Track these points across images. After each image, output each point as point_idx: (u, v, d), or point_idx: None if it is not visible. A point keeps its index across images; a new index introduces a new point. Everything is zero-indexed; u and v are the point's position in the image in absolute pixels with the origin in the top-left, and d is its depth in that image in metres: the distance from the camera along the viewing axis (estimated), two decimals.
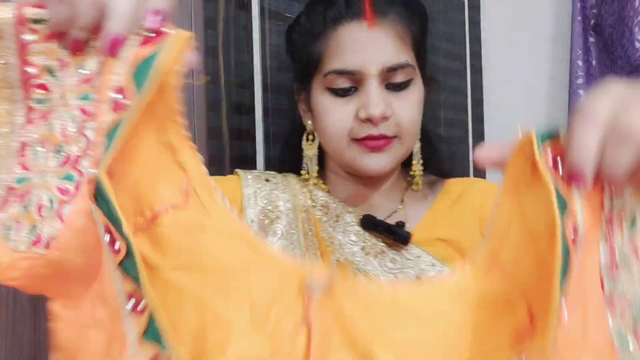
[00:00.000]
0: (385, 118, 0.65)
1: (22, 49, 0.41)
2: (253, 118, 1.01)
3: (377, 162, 0.67)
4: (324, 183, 0.76)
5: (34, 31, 0.41)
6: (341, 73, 0.65)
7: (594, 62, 1.25)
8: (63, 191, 0.42)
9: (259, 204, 0.70)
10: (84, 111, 0.42)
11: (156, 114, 0.43)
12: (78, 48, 0.41)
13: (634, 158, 0.34)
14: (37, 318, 0.79)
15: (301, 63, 0.72)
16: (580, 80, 1.25)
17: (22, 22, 0.40)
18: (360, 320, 0.41)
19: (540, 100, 1.40)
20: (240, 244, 0.45)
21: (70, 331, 0.44)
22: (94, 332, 0.44)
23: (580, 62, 1.25)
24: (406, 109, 0.66)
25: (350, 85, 0.66)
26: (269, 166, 0.97)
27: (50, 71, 0.42)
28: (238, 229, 0.46)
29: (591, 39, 1.25)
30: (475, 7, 1.46)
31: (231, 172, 0.98)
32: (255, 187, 0.72)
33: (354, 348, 0.41)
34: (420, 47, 0.70)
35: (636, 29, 1.11)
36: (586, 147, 0.34)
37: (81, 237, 0.41)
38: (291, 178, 0.76)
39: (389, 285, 0.44)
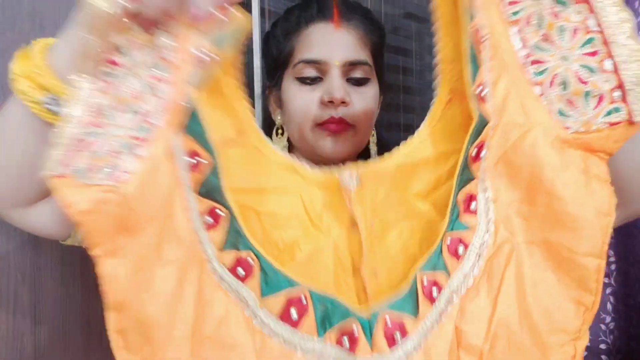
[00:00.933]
0: (344, 103, 0.73)
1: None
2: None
3: (334, 145, 0.75)
4: None
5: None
6: (309, 62, 0.74)
7: None
8: (137, 139, 0.45)
9: None
10: (154, 77, 0.46)
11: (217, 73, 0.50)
12: (151, 25, 0.45)
13: None
14: (37, 318, 0.79)
15: (275, 59, 0.80)
16: None
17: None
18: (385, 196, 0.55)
19: None
20: (288, 170, 0.57)
21: (130, 281, 0.45)
22: (161, 273, 0.45)
23: None
24: (363, 101, 0.75)
25: (316, 75, 0.75)
26: None
27: (120, 49, 0.45)
28: (283, 160, 0.57)
29: None
30: None
31: None
32: None
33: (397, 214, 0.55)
34: (377, 55, 0.80)
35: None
36: None
37: (155, 176, 0.45)
38: None
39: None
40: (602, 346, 1.22)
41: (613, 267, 1.24)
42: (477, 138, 0.47)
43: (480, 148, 0.47)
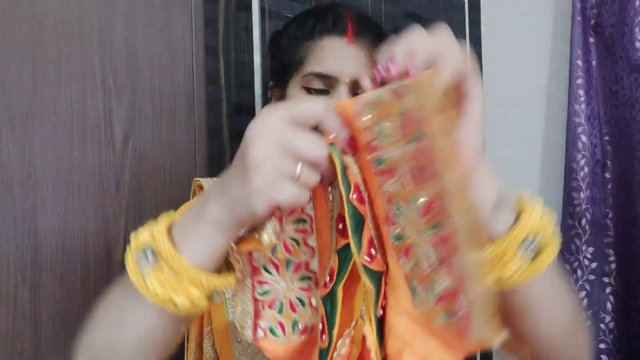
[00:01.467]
0: None
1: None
2: (253, 118, 1.01)
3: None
4: None
5: None
6: (319, 75, 0.74)
7: (594, 62, 1.24)
8: (305, 289, 0.52)
9: None
10: (297, 230, 0.53)
11: None
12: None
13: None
14: (37, 318, 0.79)
15: (283, 63, 0.79)
16: (580, 81, 1.25)
17: None
18: None
19: (540, 100, 1.40)
20: None
21: None
22: None
23: (580, 62, 1.25)
24: None
25: (324, 87, 0.74)
26: None
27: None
28: None
29: (591, 39, 1.24)
30: (475, 7, 1.46)
31: None
32: None
33: None
34: None
35: (637, 29, 1.11)
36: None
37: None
38: None
39: None
40: (602, 346, 1.22)
41: (613, 267, 1.24)
42: None
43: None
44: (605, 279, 1.24)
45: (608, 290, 1.24)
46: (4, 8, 0.78)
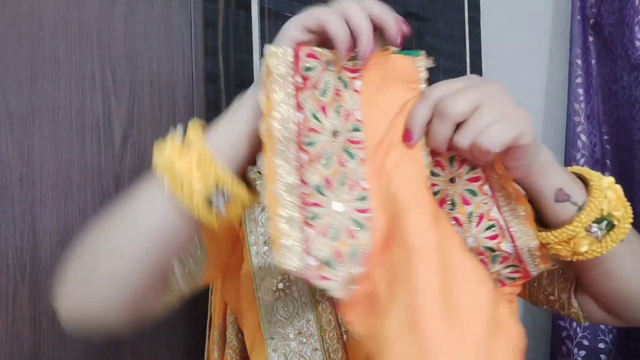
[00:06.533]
0: None
1: (296, 96, 0.43)
2: None
3: None
4: None
5: (304, 78, 0.44)
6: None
7: (593, 62, 1.24)
8: (362, 211, 0.45)
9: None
10: (352, 141, 0.46)
11: None
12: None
13: (449, 131, 0.45)
14: (37, 318, 0.79)
15: None
16: (579, 80, 1.25)
17: (297, 69, 0.44)
18: None
19: (540, 99, 1.40)
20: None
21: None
22: None
23: (579, 62, 1.25)
24: None
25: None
26: None
27: (314, 115, 0.44)
28: None
29: (591, 38, 1.24)
30: (475, 7, 1.46)
31: None
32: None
33: None
34: None
35: (636, 29, 1.11)
36: (416, 116, 0.47)
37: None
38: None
39: None
40: (602, 346, 1.22)
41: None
42: None
43: None
44: None
45: None
46: (3, 7, 0.78)
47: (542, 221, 0.52)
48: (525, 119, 0.45)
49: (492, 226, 0.51)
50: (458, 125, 0.45)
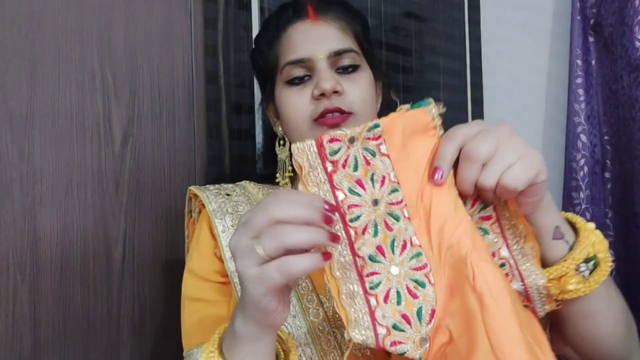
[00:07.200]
0: (336, 92, 0.71)
1: (330, 180, 0.48)
2: (253, 118, 1.01)
3: None
4: (293, 186, 0.79)
5: (333, 162, 0.48)
6: (294, 63, 0.73)
7: (593, 62, 1.24)
8: (419, 268, 0.48)
9: (228, 213, 0.73)
10: (393, 204, 0.49)
11: None
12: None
13: (476, 172, 0.49)
14: (37, 318, 0.79)
15: (263, 71, 0.80)
16: (579, 80, 1.25)
17: (324, 156, 0.48)
18: None
19: (540, 100, 1.40)
20: None
21: None
22: None
23: (579, 62, 1.25)
24: (356, 89, 0.74)
25: (304, 73, 0.74)
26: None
27: (351, 191, 0.48)
28: None
29: (591, 39, 1.24)
30: (475, 7, 1.46)
31: (231, 172, 0.99)
32: (219, 201, 0.75)
33: None
34: (363, 42, 0.79)
35: (636, 29, 1.11)
36: (444, 156, 0.50)
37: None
38: (248, 186, 0.80)
39: None
40: None
41: (613, 266, 1.23)
42: None
43: None
44: None
45: None
46: (2, 7, 0.78)
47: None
48: (539, 158, 0.49)
49: (503, 265, 0.52)
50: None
